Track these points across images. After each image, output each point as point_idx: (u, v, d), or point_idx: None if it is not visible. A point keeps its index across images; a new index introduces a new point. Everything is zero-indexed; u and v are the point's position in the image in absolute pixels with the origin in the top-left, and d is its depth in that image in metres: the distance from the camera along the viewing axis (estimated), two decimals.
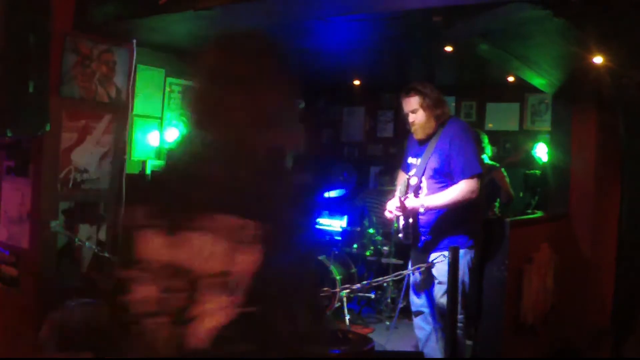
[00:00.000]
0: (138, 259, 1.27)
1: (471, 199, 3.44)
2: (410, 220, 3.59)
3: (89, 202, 4.05)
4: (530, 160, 5.77)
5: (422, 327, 3.70)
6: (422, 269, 3.58)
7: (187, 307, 1.21)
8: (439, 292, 3.55)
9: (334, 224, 6.82)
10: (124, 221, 1.26)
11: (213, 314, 1.18)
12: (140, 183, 1.38)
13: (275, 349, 1.20)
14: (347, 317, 5.29)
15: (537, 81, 4.81)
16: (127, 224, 1.36)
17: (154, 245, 1.26)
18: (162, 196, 1.32)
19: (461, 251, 3.35)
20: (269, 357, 1.20)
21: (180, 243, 1.23)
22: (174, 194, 1.29)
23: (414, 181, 3.60)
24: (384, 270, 5.71)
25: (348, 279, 5.56)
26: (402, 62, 6.05)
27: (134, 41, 4.19)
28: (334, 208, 7.20)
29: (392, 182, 6.43)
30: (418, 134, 3.64)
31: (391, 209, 3.63)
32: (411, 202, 3.51)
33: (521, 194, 5.34)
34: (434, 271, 3.56)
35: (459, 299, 3.37)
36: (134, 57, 4.21)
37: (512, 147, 6.96)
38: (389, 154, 8.01)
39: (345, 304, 5.35)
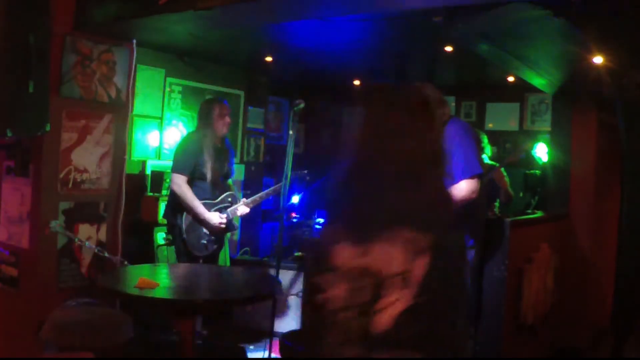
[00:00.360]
0: (333, 266, 1.63)
1: (471, 199, 3.44)
2: None
3: (89, 202, 4.05)
4: (530, 160, 5.77)
5: None
6: None
7: (371, 301, 1.56)
8: None
9: None
10: (322, 237, 1.85)
11: (395, 304, 1.54)
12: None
13: (436, 331, 1.57)
14: None
15: (537, 81, 4.81)
16: (323, 239, 1.77)
17: (346, 255, 1.62)
18: (354, 217, 1.69)
19: None
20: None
21: (368, 252, 1.59)
22: (362, 214, 1.66)
23: None
24: None
25: None
26: (402, 62, 6.05)
27: (134, 41, 4.19)
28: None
29: None
30: None
31: None
32: None
33: (521, 194, 5.33)
34: None
35: None
36: (134, 57, 4.21)
37: (512, 147, 6.96)
38: None
39: None
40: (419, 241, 1.55)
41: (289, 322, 4.87)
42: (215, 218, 4.34)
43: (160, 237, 5.42)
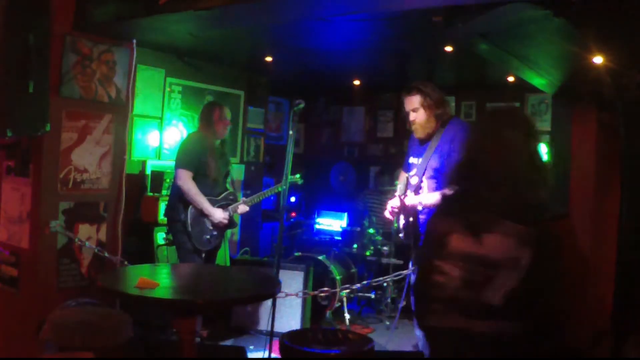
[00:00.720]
0: (450, 252, 2.00)
1: None
2: (411, 219, 3.59)
3: (89, 202, 4.05)
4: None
5: None
6: None
7: (483, 282, 1.91)
8: None
9: (334, 224, 6.82)
10: (437, 228, 2.16)
11: (505, 284, 1.89)
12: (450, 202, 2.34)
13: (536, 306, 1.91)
14: (347, 317, 5.29)
15: (537, 81, 4.80)
16: (440, 229, 2.09)
17: (462, 243, 1.99)
18: (466, 211, 2.05)
19: None
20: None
21: (482, 241, 1.96)
22: (475, 209, 2.03)
23: (414, 181, 3.60)
24: (384, 270, 5.71)
25: (348, 279, 5.56)
26: (402, 62, 6.05)
27: (134, 41, 4.19)
28: (335, 208, 7.21)
29: (392, 182, 6.43)
30: (418, 132, 3.64)
31: (391, 208, 3.63)
32: (410, 199, 3.52)
33: None
34: None
35: None
36: (134, 57, 4.22)
37: None
38: (389, 154, 8.01)
39: (345, 304, 5.35)
40: (525, 234, 1.91)
41: (289, 322, 4.87)
42: (219, 214, 4.47)
43: (160, 237, 5.42)
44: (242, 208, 4.68)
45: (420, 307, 2.17)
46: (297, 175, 4.90)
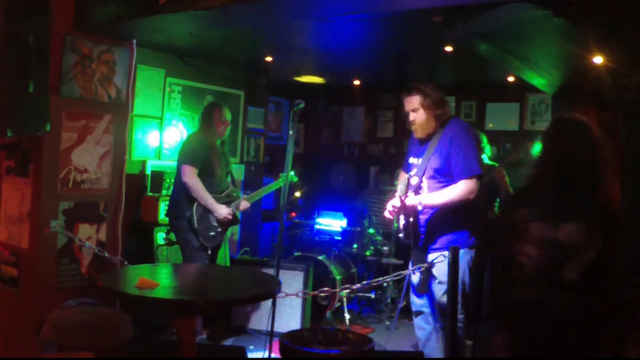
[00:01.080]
0: (530, 237, 2.36)
1: (469, 199, 3.44)
2: (411, 219, 3.58)
3: (89, 202, 4.05)
4: (530, 160, 5.76)
5: (422, 327, 3.69)
6: (422, 268, 3.58)
7: (559, 263, 2.28)
8: (439, 292, 3.54)
9: (334, 224, 6.82)
10: (519, 216, 2.46)
11: (579, 265, 2.26)
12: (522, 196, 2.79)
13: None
14: (347, 317, 5.29)
15: (537, 81, 4.81)
16: (521, 218, 2.42)
17: (541, 230, 2.35)
18: (544, 201, 2.41)
19: (461, 251, 3.35)
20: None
21: (559, 229, 2.31)
22: (553, 200, 2.39)
23: (414, 181, 3.60)
24: (384, 270, 5.71)
25: (348, 279, 5.56)
26: (402, 62, 6.05)
27: (134, 41, 4.19)
28: (335, 207, 7.21)
29: (392, 182, 6.43)
30: (418, 132, 3.64)
31: (391, 208, 3.62)
32: (410, 199, 3.52)
33: None
34: (434, 271, 3.56)
35: (459, 299, 3.37)
36: (134, 57, 4.22)
37: (512, 147, 6.96)
38: (389, 154, 8.01)
39: (345, 304, 5.35)
40: (596, 221, 2.31)
41: (289, 322, 4.87)
42: (224, 209, 4.55)
43: (160, 237, 5.43)
44: (244, 205, 4.77)
45: (502, 287, 2.51)
46: (292, 173, 4.91)
